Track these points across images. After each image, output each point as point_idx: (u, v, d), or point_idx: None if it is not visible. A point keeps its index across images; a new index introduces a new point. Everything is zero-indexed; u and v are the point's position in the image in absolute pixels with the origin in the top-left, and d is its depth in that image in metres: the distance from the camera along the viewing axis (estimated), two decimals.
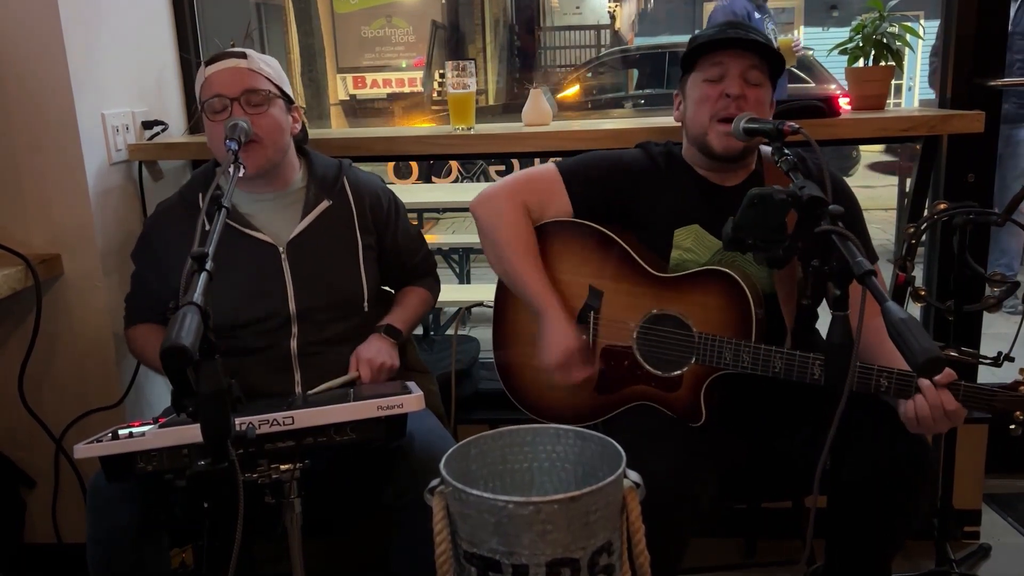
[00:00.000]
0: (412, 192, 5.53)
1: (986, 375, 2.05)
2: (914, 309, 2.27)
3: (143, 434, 1.38)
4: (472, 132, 2.21)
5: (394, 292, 2.01)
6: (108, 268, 2.10)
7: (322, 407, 1.41)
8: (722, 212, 1.59)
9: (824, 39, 12.91)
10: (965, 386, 1.47)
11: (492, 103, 11.26)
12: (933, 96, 2.77)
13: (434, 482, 1.28)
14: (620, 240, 1.75)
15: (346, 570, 2.15)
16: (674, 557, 1.59)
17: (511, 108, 8.36)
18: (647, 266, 1.73)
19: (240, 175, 1.47)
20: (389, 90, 11.93)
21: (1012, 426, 1.49)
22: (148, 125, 2.27)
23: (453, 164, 7.71)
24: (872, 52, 2.18)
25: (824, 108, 2.06)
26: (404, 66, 11.78)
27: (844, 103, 2.23)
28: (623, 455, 1.28)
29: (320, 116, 11.35)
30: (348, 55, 11.88)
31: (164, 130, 2.31)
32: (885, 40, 2.16)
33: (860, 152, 7.63)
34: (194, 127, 2.46)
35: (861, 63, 2.21)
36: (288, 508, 1.41)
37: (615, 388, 1.73)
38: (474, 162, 7.49)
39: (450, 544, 1.25)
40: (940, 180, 2.32)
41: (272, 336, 1.74)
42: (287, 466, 1.39)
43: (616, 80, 9.18)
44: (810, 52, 8.18)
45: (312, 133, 2.15)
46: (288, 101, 1.80)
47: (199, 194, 1.79)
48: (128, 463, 1.39)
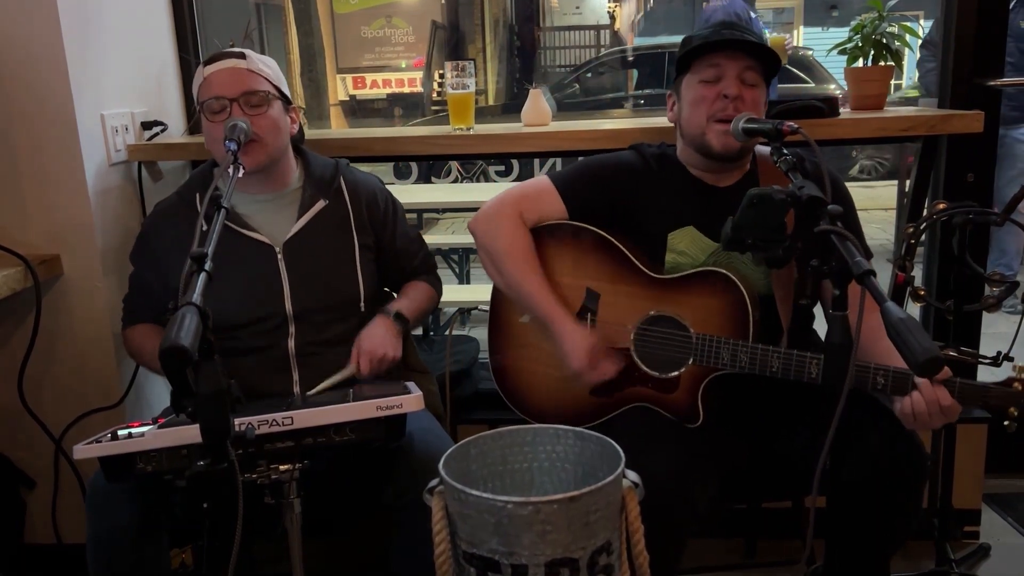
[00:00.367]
0: (412, 192, 5.53)
1: (986, 375, 2.05)
2: (914, 309, 2.28)
3: (143, 434, 1.38)
4: (471, 132, 2.21)
5: (395, 294, 2.01)
6: (108, 268, 2.10)
7: (321, 407, 1.41)
8: (717, 213, 1.59)
9: (824, 39, 12.91)
10: (961, 383, 1.47)
11: (492, 103, 11.27)
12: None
13: (433, 482, 1.28)
14: (616, 242, 1.75)
15: (346, 570, 2.15)
16: (673, 557, 1.59)
17: (511, 108, 8.37)
18: (644, 268, 1.73)
19: (239, 175, 1.48)
20: (389, 90, 11.94)
21: (1007, 422, 1.50)
22: (147, 126, 2.27)
23: (453, 164, 7.70)
24: (871, 52, 2.18)
25: (824, 108, 2.06)
26: (404, 66, 11.79)
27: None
28: (622, 455, 1.29)
29: (320, 116, 11.36)
30: (348, 55, 11.88)
31: (163, 131, 2.31)
32: (884, 40, 2.16)
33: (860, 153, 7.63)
34: (193, 128, 2.46)
35: (860, 63, 2.21)
36: (288, 508, 1.41)
37: (613, 390, 1.73)
38: (474, 162, 7.48)
39: (449, 544, 1.26)
40: (939, 180, 2.32)
41: (270, 336, 1.74)
42: (286, 466, 1.39)
43: (616, 80, 9.18)
44: (810, 52, 8.18)
45: (312, 133, 2.15)
46: (286, 102, 1.80)
47: (197, 194, 1.79)
48: (128, 463, 1.39)
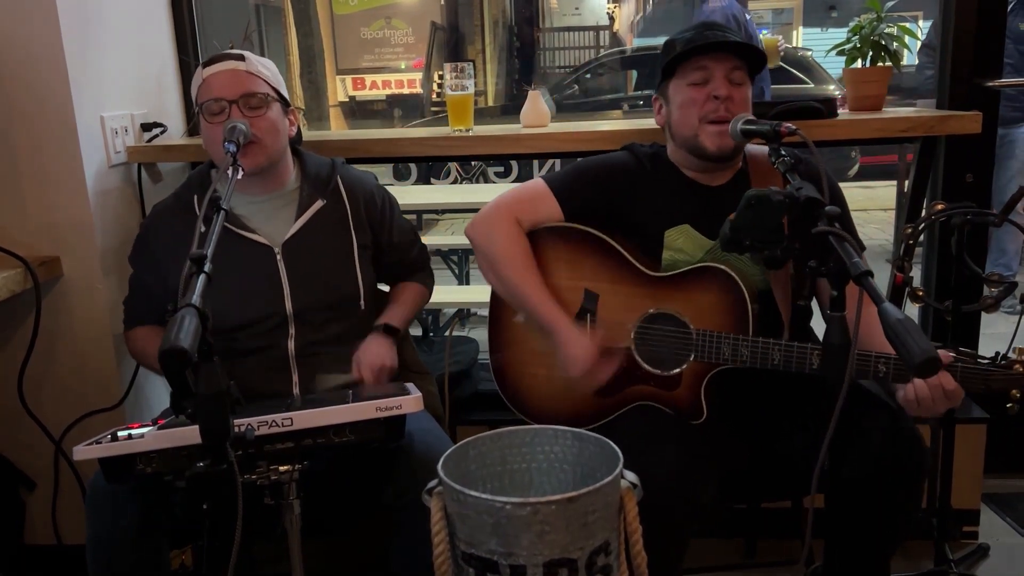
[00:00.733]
0: (411, 193, 5.52)
1: None
2: (912, 310, 2.28)
3: (142, 436, 1.38)
4: (470, 134, 2.21)
5: (389, 289, 2.01)
6: (107, 270, 2.10)
7: (321, 408, 1.42)
8: (711, 212, 1.59)
9: (823, 40, 12.91)
10: (963, 367, 1.48)
11: (491, 104, 11.28)
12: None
13: (432, 483, 1.28)
14: (613, 242, 1.75)
15: (346, 570, 2.15)
16: (674, 558, 1.59)
17: (510, 109, 8.37)
18: (641, 266, 1.73)
19: (238, 177, 1.48)
20: (388, 91, 11.95)
21: (1009, 404, 1.51)
22: (147, 127, 2.27)
23: (452, 165, 7.70)
24: (870, 53, 2.18)
25: (823, 109, 2.07)
26: (403, 67, 11.80)
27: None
28: (620, 456, 1.29)
29: (319, 118, 11.37)
30: (347, 57, 11.89)
31: (163, 132, 2.31)
32: (883, 41, 2.17)
33: (860, 153, 7.63)
34: (193, 129, 2.46)
35: (859, 64, 2.21)
36: (287, 509, 1.42)
37: (615, 390, 1.73)
38: (473, 163, 7.49)
39: (448, 545, 1.26)
40: (938, 181, 2.33)
41: (270, 337, 1.75)
42: (286, 467, 1.39)
43: (615, 81, 9.18)
44: (809, 53, 8.18)
45: (311, 135, 2.15)
46: (285, 104, 1.80)
47: (195, 196, 1.79)
48: (127, 464, 1.39)
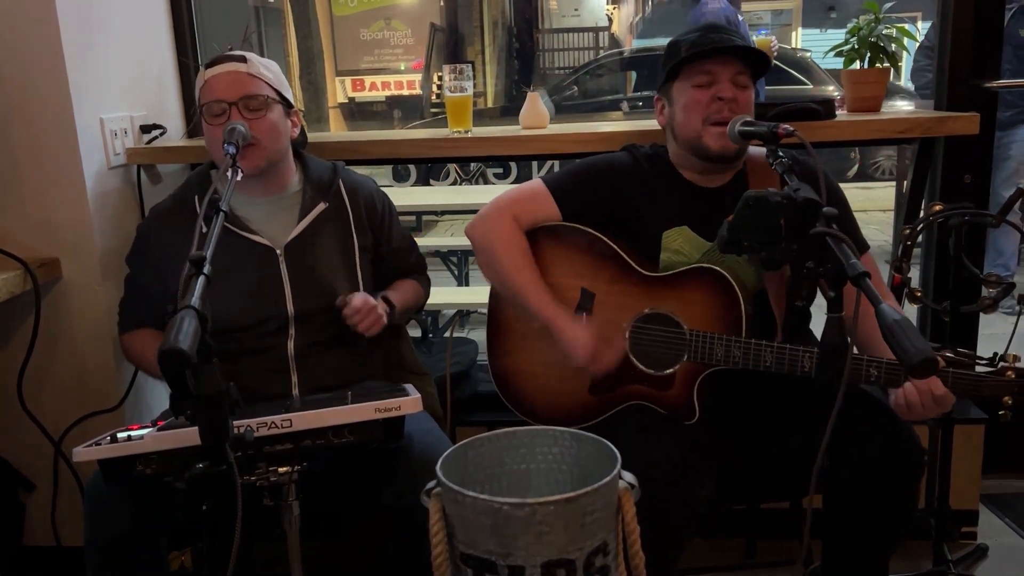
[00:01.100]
0: (410, 195, 5.53)
1: None
2: (910, 310, 2.28)
3: (142, 437, 1.39)
4: (469, 135, 2.21)
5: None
6: (107, 272, 2.10)
7: (320, 410, 1.42)
8: (709, 214, 1.59)
9: (822, 40, 12.93)
10: (954, 373, 1.49)
11: (491, 105, 11.29)
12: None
13: (430, 484, 1.28)
14: (610, 241, 1.76)
15: (345, 571, 2.15)
16: (672, 558, 1.59)
17: (510, 111, 8.37)
18: (637, 266, 1.73)
19: (237, 179, 1.48)
20: (388, 93, 11.95)
21: (1001, 412, 1.51)
22: (146, 129, 2.28)
23: (451, 167, 7.71)
24: (868, 54, 2.19)
25: (821, 110, 2.07)
26: (403, 68, 11.81)
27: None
28: (618, 457, 1.29)
29: (319, 119, 11.37)
30: (347, 58, 11.90)
31: (162, 134, 2.31)
32: (880, 42, 2.17)
33: (859, 154, 7.63)
34: (192, 131, 2.46)
35: (857, 65, 2.22)
36: (286, 510, 1.42)
37: (609, 388, 1.74)
38: (472, 164, 7.49)
39: (447, 546, 1.26)
40: (936, 182, 2.33)
41: (270, 338, 1.75)
42: (285, 468, 1.39)
43: (614, 82, 9.19)
44: (808, 54, 8.19)
45: (311, 136, 2.15)
46: (287, 106, 1.80)
47: (195, 196, 1.79)
48: (127, 466, 1.39)
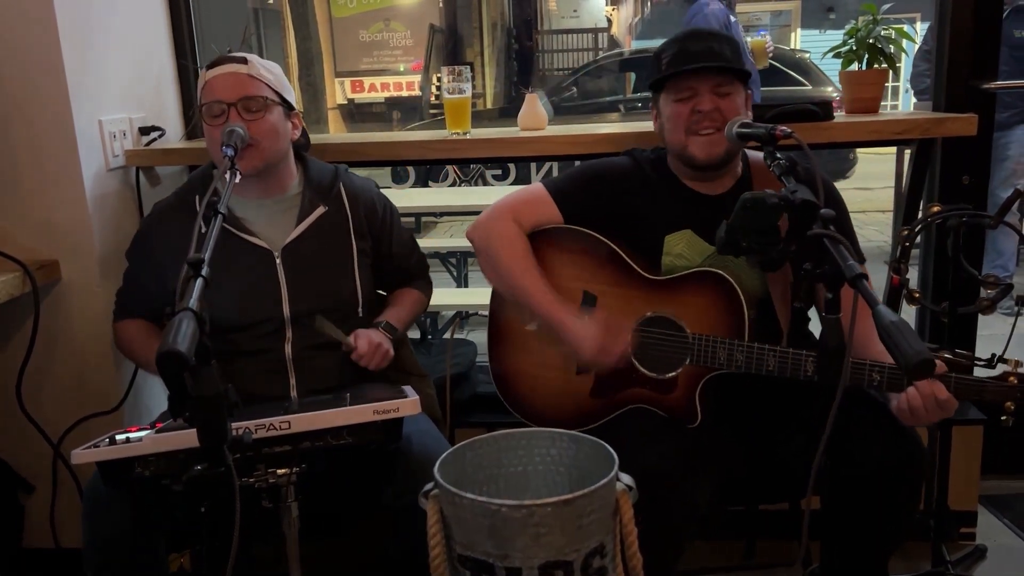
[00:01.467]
0: (409, 196, 5.53)
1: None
2: (909, 311, 2.28)
3: (140, 439, 1.39)
4: (468, 137, 2.22)
5: (387, 295, 2.01)
6: (106, 273, 2.10)
7: (319, 411, 1.42)
8: (712, 218, 1.59)
9: (821, 41, 12.94)
10: (956, 378, 1.49)
11: (490, 107, 11.29)
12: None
13: (428, 486, 1.28)
14: (612, 244, 1.76)
15: (344, 572, 2.15)
16: (672, 559, 1.59)
17: (508, 112, 8.38)
18: (639, 269, 1.74)
19: (236, 180, 1.48)
20: (387, 94, 11.96)
21: (1003, 417, 1.51)
22: (145, 131, 2.28)
23: (450, 168, 7.71)
24: (866, 56, 2.19)
25: (819, 111, 2.07)
26: (402, 70, 11.81)
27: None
28: (616, 458, 1.29)
29: (318, 121, 11.37)
30: (346, 59, 11.90)
31: (161, 136, 2.31)
32: (879, 44, 2.17)
33: (857, 155, 7.63)
34: (191, 133, 2.47)
35: (855, 67, 2.22)
36: (285, 512, 1.42)
37: (611, 392, 1.74)
38: (471, 166, 7.49)
39: (444, 547, 1.26)
40: (935, 183, 2.33)
41: (267, 340, 1.75)
42: (284, 470, 1.39)
43: (613, 84, 9.19)
44: (807, 55, 8.19)
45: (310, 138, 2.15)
46: (288, 107, 1.80)
47: (196, 196, 1.79)
48: (125, 468, 1.39)
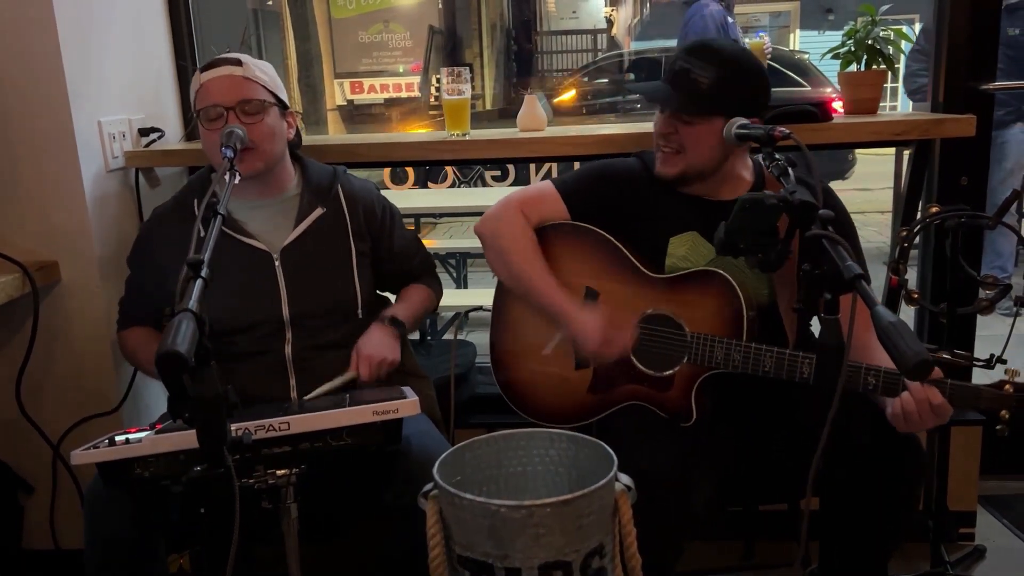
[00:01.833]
0: (408, 198, 5.53)
1: (981, 378, 2.06)
2: (907, 312, 2.29)
3: (140, 440, 1.39)
4: (467, 138, 2.22)
5: (394, 297, 2.01)
6: (105, 275, 2.10)
7: (318, 412, 1.42)
8: (717, 224, 1.60)
9: (820, 42, 12.94)
10: (952, 384, 1.48)
11: (489, 108, 11.28)
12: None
13: (428, 486, 1.29)
14: (616, 242, 1.76)
15: (344, 573, 2.15)
16: (670, 560, 1.60)
17: (507, 113, 8.38)
18: (642, 267, 1.74)
19: (235, 181, 1.49)
20: (386, 95, 11.95)
21: (999, 426, 1.50)
22: (145, 132, 2.28)
23: (450, 170, 7.70)
24: (864, 57, 2.19)
25: (817, 113, 2.07)
26: (401, 71, 11.80)
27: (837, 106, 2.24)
28: (615, 459, 1.29)
29: (317, 122, 11.36)
30: (345, 60, 11.88)
31: (161, 137, 2.32)
32: (877, 45, 2.17)
33: (856, 156, 7.64)
34: (190, 134, 2.47)
35: (854, 67, 2.22)
36: (285, 513, 1.42)
37: (608, 388, 1.74)
38: (471, 167, 7.48)
39: (444, 548, 1.26)
40: (933, 183, 2.33)
41: (267, 342, 1.75)
42: (283, 471, 1.39)
43: (612, 85, 9.19)
44: (806, 56, 8.20)
45: (308, 139, 2.16)
46: (283, 107, 1.81)
47: (195, 199, 1.80)
48: (125, 469, 1.40)
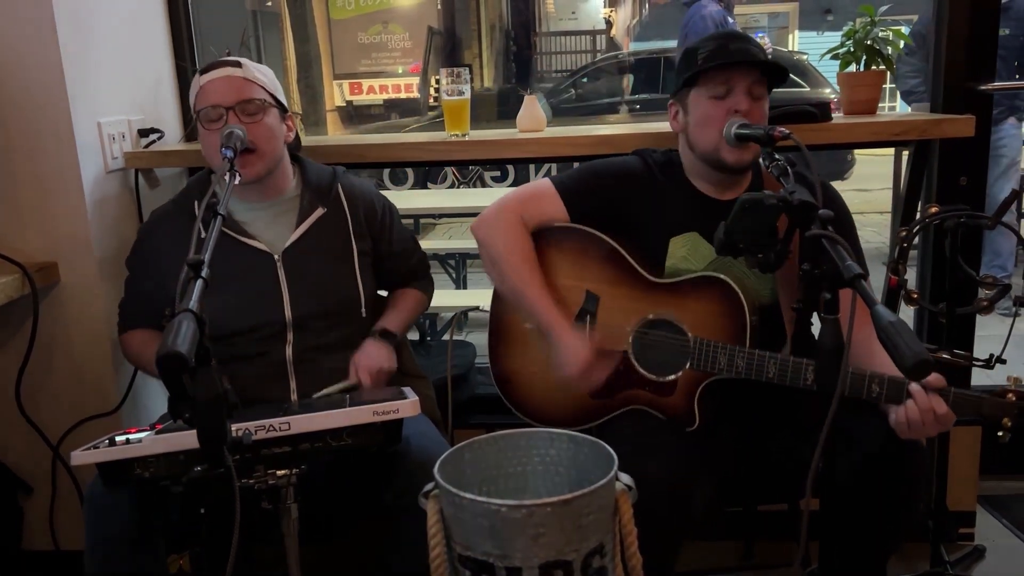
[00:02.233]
0: (408, 198, 5.53)
1: (980, 377, 2.06)
2: (907, 312, 2.29)
3: (140, 440, 1.39)
4: (467, 138, 2.22)
5: (387, 295, 2.01)
6: (105, 276, 2.10)
7: (318, 412, 1.42)
8: (718, 224, 1.60)
9: (819, 43, 12.95)
10: (955, 392, 1.48)
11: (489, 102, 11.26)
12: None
13: (428, 486, 1.29)
14: (617, 245, 1.76)
15: (343, 574, 2.15)
16: (669, 560, 1.60)
17: (506, 114, 8.38)
18: (643, 271, 1.74)
19: (236, 183, 1.49)
20: (386, 96, 11.95)
21: (1000, 433, 1.50)
22: (144, 133, 2.28)
23: (449, 170, 7.70)
24: (863, 57, 2.19)
25: (817, 113, 2.07)
26: (401, 72, 11.81)
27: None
28: (615, 459, 1.29)
29: (316, 123, 11.37)
30: (344, 61, 11.89)
31: (160, 138, 2.32)
32: (876, 45, 2.17)
33: (855, 156, 7.64)
34: (190, 135, 2.47)
35: (853, 68, 2.22)
36: (285, 513, 1.42)
37: (610, 392, 1.74)
38: (470, 168, 7.49)
39: (444, 548, 1.26)
40: (932, 184, 2.33)
41: (268, 343, 1.75)
42: (283, 472, 1.39)
43: (612, 85, 9.20)
44: (805, 57, 8.20)
45: (308, 140, 2.16)
46: (282, 109, 1.81)
47: (194, 201, 1.80)
48: (125, 469, 1.40)
